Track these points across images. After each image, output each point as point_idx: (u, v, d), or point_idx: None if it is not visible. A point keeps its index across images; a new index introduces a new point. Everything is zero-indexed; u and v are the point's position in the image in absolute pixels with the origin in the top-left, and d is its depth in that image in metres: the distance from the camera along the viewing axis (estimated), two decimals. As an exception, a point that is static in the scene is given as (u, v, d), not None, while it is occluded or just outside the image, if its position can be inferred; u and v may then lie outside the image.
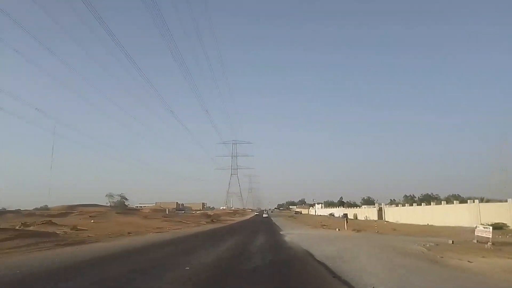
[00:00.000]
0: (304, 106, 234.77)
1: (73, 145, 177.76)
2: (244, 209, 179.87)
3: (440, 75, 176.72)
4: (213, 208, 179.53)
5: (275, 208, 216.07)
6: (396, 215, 47.06)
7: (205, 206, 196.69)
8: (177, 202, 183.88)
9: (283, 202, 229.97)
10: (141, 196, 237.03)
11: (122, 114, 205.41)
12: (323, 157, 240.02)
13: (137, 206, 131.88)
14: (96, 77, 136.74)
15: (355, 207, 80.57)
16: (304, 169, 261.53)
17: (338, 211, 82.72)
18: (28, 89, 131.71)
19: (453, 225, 31.46)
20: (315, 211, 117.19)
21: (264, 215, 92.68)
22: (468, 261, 12.07)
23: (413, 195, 75.17)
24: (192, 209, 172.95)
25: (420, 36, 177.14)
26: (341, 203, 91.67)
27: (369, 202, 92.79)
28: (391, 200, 76.53)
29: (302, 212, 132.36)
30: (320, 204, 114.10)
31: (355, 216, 63.09)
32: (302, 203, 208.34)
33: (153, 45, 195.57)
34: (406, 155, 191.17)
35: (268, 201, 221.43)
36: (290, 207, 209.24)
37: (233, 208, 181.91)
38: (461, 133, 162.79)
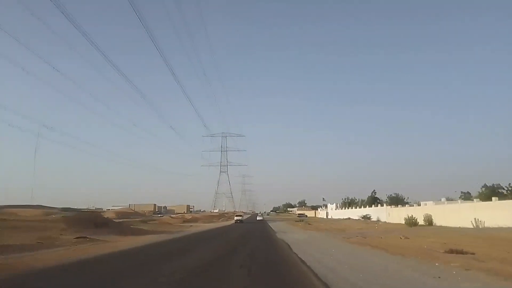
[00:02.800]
0: (300, 103, 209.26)
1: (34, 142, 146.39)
2: (234, 212, 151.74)
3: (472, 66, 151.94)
4: (203, 211, 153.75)
5: (271, 211, 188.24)
6: None
7: (190, 209, 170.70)
8: (154, 204, 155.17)
9: (279, 205, 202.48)
10: (116, 197, 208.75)
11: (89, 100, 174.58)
12: (322, 157, 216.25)
13: (108, 209, 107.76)
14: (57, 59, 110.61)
15: (383, 205, 52.33)
16: (302, 170, 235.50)
17: (376, 212, 53.86)
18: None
19: None
20: (327, 213, 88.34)
21: (258, 218, 68.92)
22: None
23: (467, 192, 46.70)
24: (175, 211, 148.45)
25: (436, 32, 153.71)
26: (373, 201, 62.67)
27: (398, 200, 64.77)
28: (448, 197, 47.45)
29: (308, 215, 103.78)
30: (333, 204, 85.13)
31: (429, 220, 34.21)
32: (302, 204, 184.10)
33: (129, 27, 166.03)
34: (410, 153, 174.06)
35: (263, 203, 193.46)
36: (289, 209, 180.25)
37: (225, 210, 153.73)
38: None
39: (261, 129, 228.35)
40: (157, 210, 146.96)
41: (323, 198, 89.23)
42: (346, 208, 72.29)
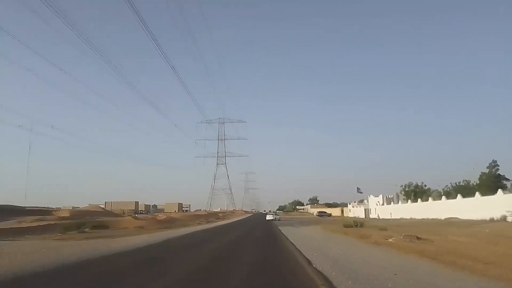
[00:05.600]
0: (301, 101, 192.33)
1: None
2: (234, 210, 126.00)
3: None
4: (203, 211, 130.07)
5: (277, 209, 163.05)
6: None
7: (184, 208, 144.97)
8: (136, 202, 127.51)
9: (285, 204, 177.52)
10: (111, 195, 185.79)
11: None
12: (331, 151, 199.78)
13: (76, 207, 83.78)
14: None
15: None
16: (309, 165, 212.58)
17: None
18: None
19: None
20: (367, 210, 59.55)
21: (268, 217, 55.37)
22: None
23: None
24: (164, 210, 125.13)
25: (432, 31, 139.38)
26: (495, 181, 33.19)
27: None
28: None
29: (333, 214, 75.82)
30: (379, 196, 56.04)
31: None
32: (314, 202, 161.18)
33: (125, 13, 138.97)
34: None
35: (268, 202, 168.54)
36: (298, 207, 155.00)
37: (226, 209, 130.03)
38: None
39: (263, 123, 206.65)
40: (140, 209, 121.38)
41: (357, 189, 60.47)
42: (412, 200, 43.40)
